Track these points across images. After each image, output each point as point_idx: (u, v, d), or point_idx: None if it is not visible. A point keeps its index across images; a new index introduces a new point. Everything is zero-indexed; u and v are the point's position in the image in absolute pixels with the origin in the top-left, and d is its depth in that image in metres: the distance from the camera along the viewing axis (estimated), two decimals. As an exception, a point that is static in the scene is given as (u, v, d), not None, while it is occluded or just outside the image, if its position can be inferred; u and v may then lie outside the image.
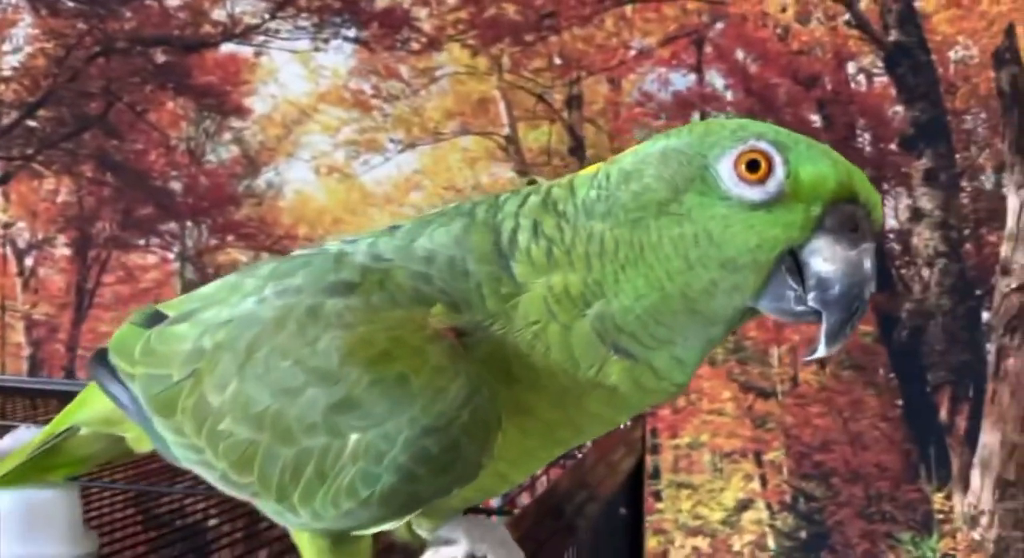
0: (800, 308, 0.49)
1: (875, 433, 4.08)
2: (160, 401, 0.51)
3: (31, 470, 0.74)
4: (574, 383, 0.50)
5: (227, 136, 3.17)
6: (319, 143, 3.15)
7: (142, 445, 0.65)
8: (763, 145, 0.46)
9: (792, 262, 0.47)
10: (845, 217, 0.46)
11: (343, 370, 0.43)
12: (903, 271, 4.10)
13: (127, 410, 0.57)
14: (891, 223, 3.94)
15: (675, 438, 3.42)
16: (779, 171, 0.46)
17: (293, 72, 3.30)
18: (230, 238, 3.13)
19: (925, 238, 3.92)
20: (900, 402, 4.01)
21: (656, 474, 3.42)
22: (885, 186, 3.85)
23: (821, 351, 0.50)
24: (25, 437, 1.08)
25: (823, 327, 0.48)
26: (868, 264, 0.45)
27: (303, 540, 0.52)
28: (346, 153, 3.15)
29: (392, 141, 3.20)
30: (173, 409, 0.50)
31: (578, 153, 4.01)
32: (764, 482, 3.98)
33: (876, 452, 4.06)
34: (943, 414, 4.04)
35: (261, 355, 0.46)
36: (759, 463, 3.95)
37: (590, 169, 0.54)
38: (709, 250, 0.46)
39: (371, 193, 3.43)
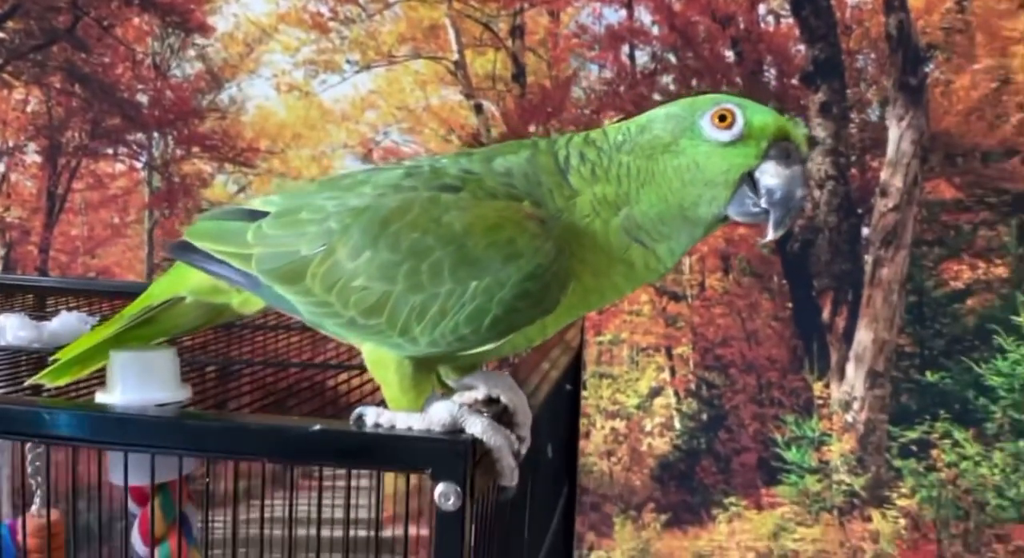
0: (756, 209, 0.66)
1: (768, 331, 4.58)
2: (284, 272, 0.59)
3: (132, 336, 0.82)
4: (608, 260, 0.64)
5: (191, 52, 3.27)
6: (279, 62, 3.28)
7: (248, 307, 0.73)
8: (729, 105, 0.66)
9: (749, 181, 0.65)
10: (782, 149, 0.65)
11: (465, 237, 0.56)
12: (798, 191, 4.55)
13: (235, 282, 0.65)
14: (790, 149, 4.41)
15: (599, 335, 3.81)
16: (739, 120, 0.66)
17: (254, -8, 3.34)
18: (195, 149, 3.26)
19: (818, 163, 4.38)
20: (790, 304, 4.50)
21: (582, 366, 3.77)
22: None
23: (770, 236, 0.68)
24: (71, 320, 1.20)
25: (771, 220, 0.64)
26: (799, 178, 0.62)
27: (389, 368, 0.60)
28: (305, 72, 3.28)
29: (349, 62, 3.35)
30: (301, 276, 0.58)
31: (520, 79, 4.24)
32: (673, 373, 4.41)
33: (768, 347, 4.56)
34: (825, 315, 4.59)
35: (393, 229, 0.57)
36: (670, 356, 4.36)
37: (617, 124, 0.69)
38: (696, 174, 0.63)
39: (329, 111, 3.55)
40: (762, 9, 4.15)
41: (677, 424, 4.35)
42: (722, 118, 0.66)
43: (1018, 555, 3.84)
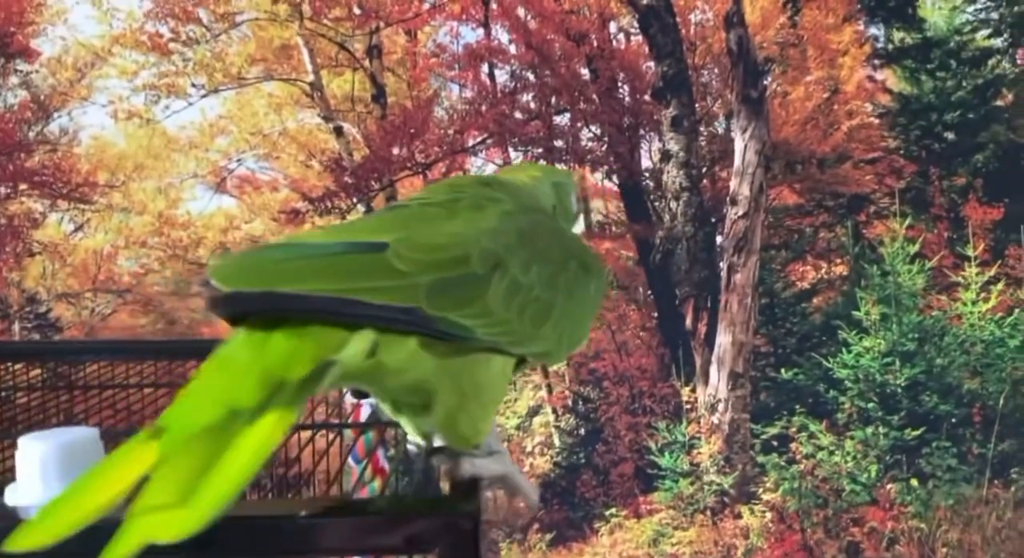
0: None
1: (637, 341, 4.73)
2: (458, 298, 0.58)
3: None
4: None
5: (13, 79, 3.02)
6: (116, 87, 3.12)
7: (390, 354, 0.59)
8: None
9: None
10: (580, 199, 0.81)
11: (578, 250, 0.65)
12: (656, 204, 4.71)
13: (393, 321, 0.56)
14: (646, 163, 4.53)
15: None
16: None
17: (83, 13, 3.17)
18: (23, 186, 2.99)
19: (673, 176, 4.53)
20: (655, 314, 4.66)
21: None
22: (641, 131, 4.40)
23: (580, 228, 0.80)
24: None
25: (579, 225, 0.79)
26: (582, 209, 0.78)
27: (495, 369, 0.60)
28: (146, 97, 3.08)
29: (194, 86, 3.16)
30: (479, 297, 0.58)
31: (380, 100, 4.14)
32: (550, 390, 4.48)
33: (638, 357, 4.72)
34: (688, 322, 4.76)
35: (541, 245, 0.62)
36: (546, 375, 4.43)
37: (516, 174, 0.74)
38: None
39: (174, 138, 3.35)
40: (613, 27, 4.26)
41: (556, 441, 4.40)
42: (578, 197, 0.80)
43: (873, 536, 4.10)
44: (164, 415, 0.47)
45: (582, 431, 4.56)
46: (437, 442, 0.67)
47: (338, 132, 3.66)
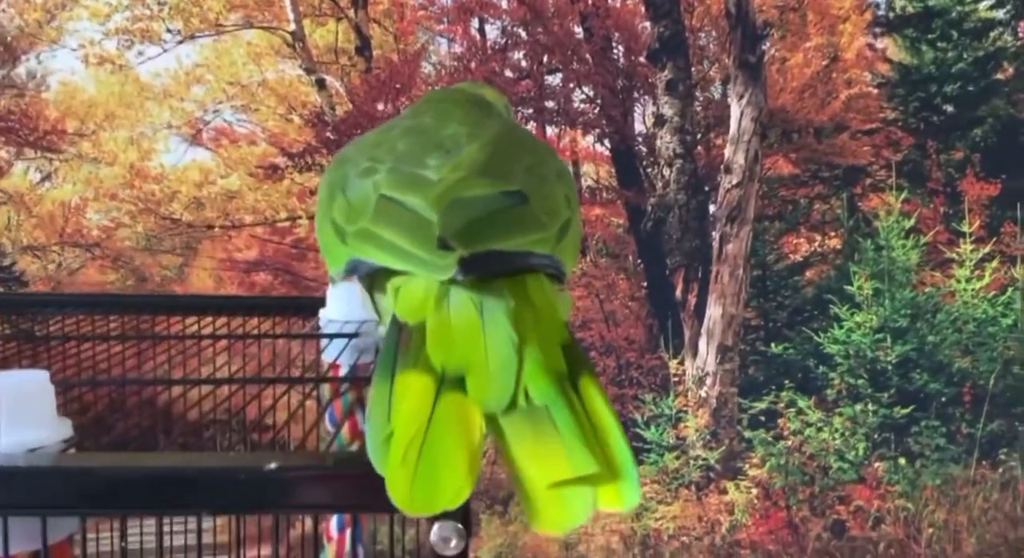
0: None
1: (625, 311, 4.63)
2: (564, 241, 0.58)
3: None
4: None
5: None
6: (87, 31, 2.93)
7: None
8: None
9: None
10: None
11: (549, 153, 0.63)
12: (649, 170, 4.60)
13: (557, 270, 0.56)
14: (639, 127, 4.40)
15: None
16: None
17: (54, -51, 3.01)
18: None
19: (667, 141, 4.42)
20: (645, 284, 4.57)
21: None
22: (635, 95, 4.28)
23: None
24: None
25: None
26: None
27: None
28: (118, 42, 2.95)
29: (169, 31, 3.02)
30: (572, 237, 0.59)
31: (365, 53, 3.98)
32: None
33: (626, 327, 4.61)
34: (678, 293, 4.66)
35: (541, 147, 0.63)
36: None
37: None
38: None
39: (147, 86, 3.20)
40: (609, -16, 4.10)
41: (539, 411, 4.31)
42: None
43: (859, 515, 4.04)
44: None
45: (567, 402, 4.42)
46: None
47: (320, 85, 3.50)
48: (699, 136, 4.62)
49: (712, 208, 4.63)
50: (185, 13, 3.05)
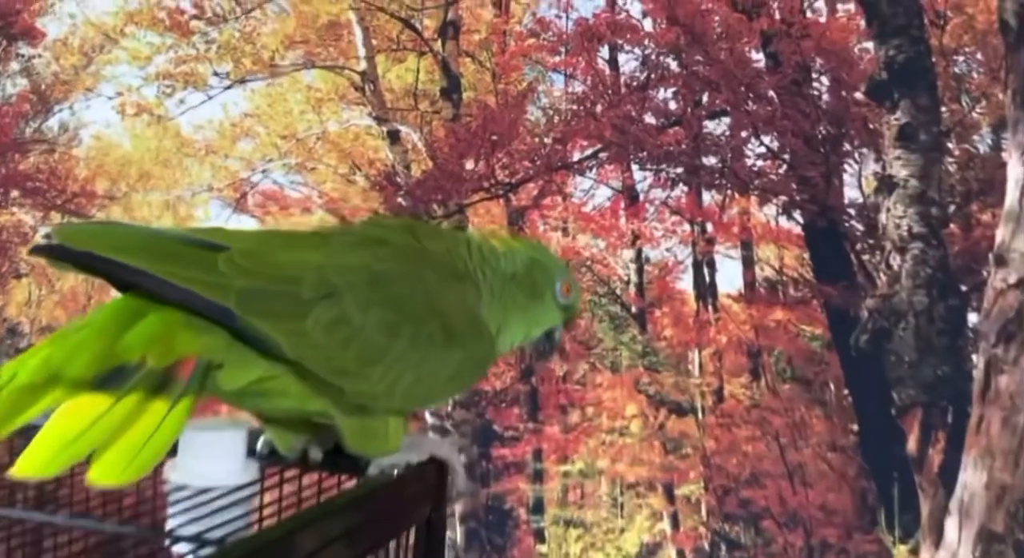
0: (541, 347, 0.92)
1: (821, 465, 3.30)
2: (276, 310, 0.64)
3: None
4: None
5: (14, 65, 2.73)
6: (126, 76, 2.74)
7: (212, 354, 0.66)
8: (571, 280, 0.88)
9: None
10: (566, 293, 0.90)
11: (452, 313, 0.72)
12: (866, 257, 3.29)
13: (210, 311, 0.62)
14: (852, 194, 3.18)
15: (564, 463, 2.70)
16: (572, 295, 0.88)
17: (97, -15, 2.80)
18: (14, 194, 2.69)
19: (897, 215, 3.12)
20: (856, 427, 3.26)
21: (538, 508, 2.89)
22: (846, 147, 3.07)
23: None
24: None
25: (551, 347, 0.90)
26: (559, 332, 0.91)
27: (384, 423, 0.73)
28: (159, 88, 2.70)
29: (217, 74, 2.74)
30: (299, 318, 0.64)
31: (453, 96, 3.28)
32: (676, 522, 3.27)
33: (821, 490, 3.27)
34: (912, 444, 3.28)
35: (396, 293, 0.69)
36: (670, 498, 3.25)
37: (497, 244, 0.84)
38: (543, 319, 0.88)
39: (188, 140, 2.82)
40: (804, -10, 2.97)
41: (682, 603, 3.24)
42: (568, 289, 0.88)
43: None
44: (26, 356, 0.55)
45: (725, 595, 3.33)
46: (316, 453, 0.79)
47: (393, 137, 2.95)
48: (952, 209, 3.30)
49: (973, 318, 3.42)
50: (236, 52, 2.69)
